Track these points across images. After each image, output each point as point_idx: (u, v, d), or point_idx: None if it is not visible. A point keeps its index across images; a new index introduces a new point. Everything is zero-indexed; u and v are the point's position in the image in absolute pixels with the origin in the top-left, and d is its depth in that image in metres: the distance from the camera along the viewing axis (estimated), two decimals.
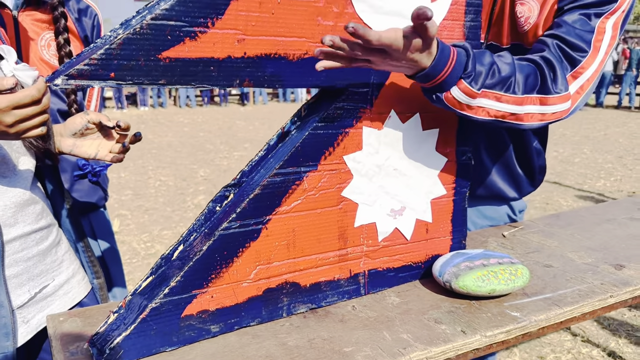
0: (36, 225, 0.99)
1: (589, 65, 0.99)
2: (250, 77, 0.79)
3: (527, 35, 1.07)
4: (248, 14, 0.76)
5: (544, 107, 0.95)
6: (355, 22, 0.71)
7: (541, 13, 1.04)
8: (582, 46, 0.98)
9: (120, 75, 0.69)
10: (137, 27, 0.68)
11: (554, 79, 0.95)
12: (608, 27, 1.00)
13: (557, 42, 0.99)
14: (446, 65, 0.82)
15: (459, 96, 0.86)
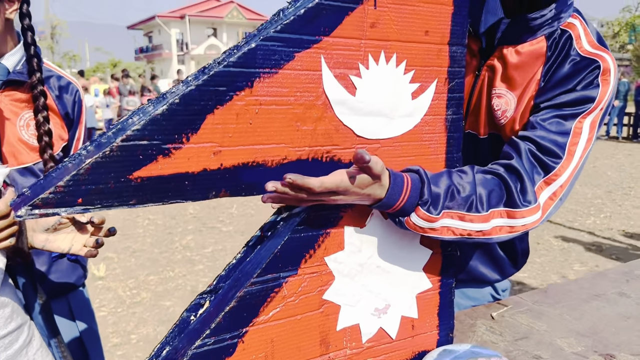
0: (5, 330, 0.95)
1: (563, 171, 0.96)
2: (226, 188, 0.77)
3: (504, 128, 1.05)
4: (225, 126, 0.75)
5: (512, 220, 0.92)
6: (292, 174, 0.73)
7: (518, 107, 1.03)
8: (557, 152, 0.95)
9: (89, 200, 0.66)
10: (107, 149, 0.66)
11: (521, 191, 0.92)
12: (585, 127, 0.97)
13: (530, 146, 0.96)
14: (401, 195, 0.83)
15: (418, 222, 0.87)
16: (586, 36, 1.02)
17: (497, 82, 1.04)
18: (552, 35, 1.02)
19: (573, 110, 0.97)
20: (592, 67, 0.98)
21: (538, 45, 1.02)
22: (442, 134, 0.96)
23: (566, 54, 1.00)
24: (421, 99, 0.92)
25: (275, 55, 0.77)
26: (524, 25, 1.01)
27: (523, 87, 1.02)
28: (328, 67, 0.82)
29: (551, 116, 0.98)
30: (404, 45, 0.88)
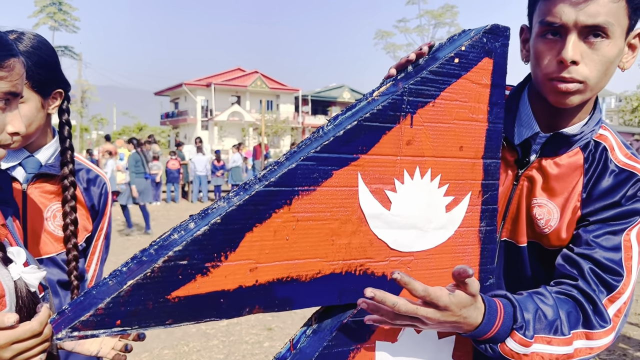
0: None
1: (625, 288, 0.97)
2: (260, 304, 0.77)
3: (549, 237, 1.05)
4: (262, 242, 0.76)
5: (591, 341, 0.93)
6: (400, 271, 0.74)
7: (562, 217, 1.03)
8: (617, 269, 0.97)
9: (127, 322, 0.66)
10: (148, 271, 0.67)
11: (595, 312, 0.94)
12: (633, 240, 0.99)
13: (591, 266, 0.97)
14: (496, 319, 0.84)
15: (514, 347, 0.86)
16: (619, 148, 1.05)
17: (538, 192, 1.05)
18: (588, 147, 1.05)
19: (622, 225, 0.99)
20: (633, 180, 1.01)
21: (575, 157, 1.04)
22: (476, 246, 0.96)
23: (604, 166, 1.03)
24: (455, 211, 0.93)
25: (314, 173, 0.79)
26: (562, 139, 1.03)
27: (565, 198, 1.03)
28: (364, 182, 0.83)
29: (602, 232, 0.99)
30: (438, 160, 0.90)
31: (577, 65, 0.93)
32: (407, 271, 0.89)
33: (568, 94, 0.95)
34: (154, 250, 0.71)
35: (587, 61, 0.94)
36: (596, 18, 0.91)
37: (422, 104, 0.86)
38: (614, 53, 0.96)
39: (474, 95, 0.90)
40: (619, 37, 0.95)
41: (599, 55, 0.94)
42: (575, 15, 0.91)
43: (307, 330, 0.88)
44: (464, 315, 0.80)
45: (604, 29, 0.92)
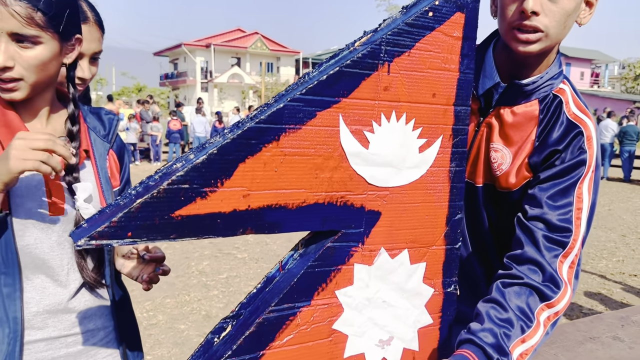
0: (68, 332, 1.13)
1: (575, 242, 1.08)
2: (252, 226, 0.88)
3: (499, 179, 1.16)
4: (254, 173, 0.87)
5: (553, 308, 1.05)
6: None
7: (513, 162, 1.14)
8: (567, 227, 1.07)
9: (137, 234, 0.78)
10: (155, 191, 0.78)
11: (550, 281, 1.04)
12: (584, 192, 1.09)
13: (543, 231, 1.07)
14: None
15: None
16: (574, 101, 1.14)
17: (495, 138, 1.16)
18: (545, 100, 1.14)
19: (571, 179, 1.08)
20: (576, 131, 1.10)
21: (531, 107, 1.14)
22: (446, 184, 1.07)
23: (557, 118, 1.12)
24: (427, 152, 1.04)
25: (299, 113, 0.89)
26: (518, 89, 1.13)
27: (519, 145, 1.14)
28: (345, 124, 0.94)
29: (555, 191, 1.09)
30: (413, 105, 1.00)
31: (538, 16, 1.03)
32: (382, 204, 1.00)
33: (529, 42, 1.05)
34: (159, 176, 0.82)
35: (547, 12, 1.04)
36: None
37: (399, 54, 0.96)
38: (572, 6, 1.05)
39: (446, 47, 1.00)
40: None
41: (558, 7, 1.04)
42: None
43: (294, 254, 1.00)
44: None
45: None
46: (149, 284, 1.18)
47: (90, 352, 1.20)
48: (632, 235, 6.58)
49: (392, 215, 1.02)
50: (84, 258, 1.15)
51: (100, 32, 1.30)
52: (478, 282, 1.34)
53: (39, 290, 1.11)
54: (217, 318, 3.62)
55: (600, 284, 4.59)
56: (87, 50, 1.27)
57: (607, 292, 4.39)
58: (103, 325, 1.23)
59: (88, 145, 1.17)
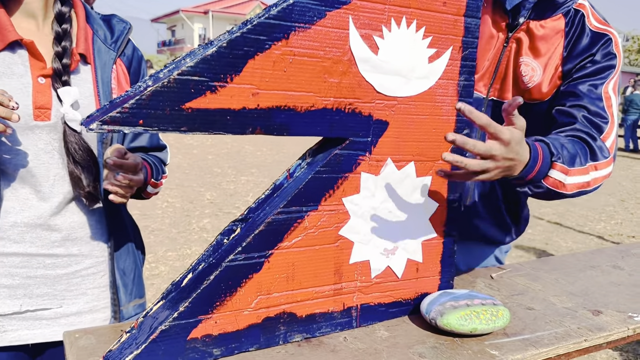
0: (47, 251, 1.08)
1: (611, 129, 1.18)
2: (261, 126, 0.88)
3: (531, 91, 1.22)
4: (263, 71, 0.86)
5: (599, 171, 1.13)
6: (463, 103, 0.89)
7: (545, 74, 1.21)
8: (603, 114, 1.17)
9: (148, 123, 0.78)
10: (165, 81, 0.78)
11: (598, 147, 1.14)
12: (610, 92, 1.18)
13: (583, 113, 1.16)
14: (539, 156, 1.01)
15: (558, 176, 1.04)
16: (594, 15, 1.22)
17: (524, 52, 1.22)
18: (569, 14, 1.21)
19: (600, 80, 1.19)
20: (605, 39, 1.20)
21: (558, 21, 1.21)
22: (454, 98, 1.07)
23: (582, 29, 1.20)
24: (437, 63, 1.03)
25: (309, 12, 0.88)
26: (548, 4, 1.19)
27: (548, 57, 1.20)
28: (355, 26, 0.93)
29: (586, 86, 1.18)
30: (424, 13, 0.99)
31: None
32: (390, 114, 1.00)
33: None
34: (168, 70, 0.82)
35: None
36: None
37: None
38: None
39: None
40: None
41: None
42: None
43: (302, 162, 1.01)
44: (519, 152, 0.93)
45: None
46: (117, 196, 1.05)
47: (71, 281, 1.12)
48: (631, 200, 6.62)
49: (399, 126, 1.02)
50: (79, 168, 1.07)
51: None
52: (498, 203, 1.36)
53: (21, 200, 1.05)
54: None
55: (597, 245, 4.64)
56: None
57: None
58: (90, 252, 1.14)
59: (87, 50, 1.09)
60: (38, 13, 1.05)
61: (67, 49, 1.04)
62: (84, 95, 1.07)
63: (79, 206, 1.12)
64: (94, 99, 1.09)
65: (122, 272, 1.19)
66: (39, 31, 1.06)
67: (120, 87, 1.17)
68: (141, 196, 1.22)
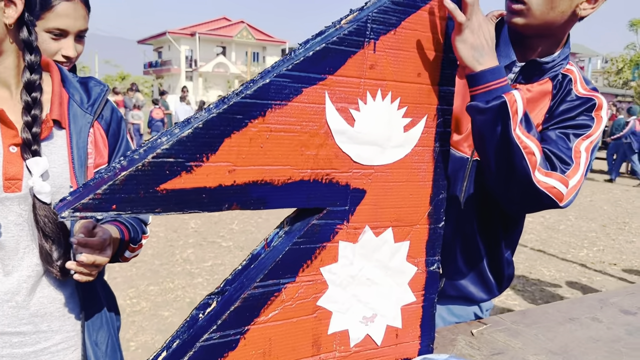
0: (14, 329, 1.04)
1: (573, 174, 1.14)
2: (237, 202, 0.88)
3: None
4: (239, 148, 0.87)
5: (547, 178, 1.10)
6: None
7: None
8: (567, 160, 1.14)
9: (121, 207, 0.78)
10: (139, 164, 0.78)
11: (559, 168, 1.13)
12: (582, 149, 1.16)
13: (547, 152, 1.14)
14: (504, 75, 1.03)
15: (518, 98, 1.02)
16: (581, 82, 1.24)
17: None
18: (556, 78, 1.23)
19: (575, 132, 1.18)
20: (589, 103, 1.19)
21: (545, 85, 1.23)
22: (430, 164, 1.08)
23: (567, 93, 1.21)
24: (412, 131, 1.04)
25: (285, 89, 0.89)
26: (535, 68, 1.20)
27: (533, 117, 1.20)
28: (331, 101, 0.94)
29: (557, 133, 1.17)
30: (399, 84, 1.01)
31: None
32: (367, 182, 1.01)
33: (515, 13, 1.10)
34: (144, 150, 0.82)
35: None
36: None
37: (385, 32, 0.96)
38: None
39: (432, 27, 1.00)
40: None
41: None
42: None
43: (279, 231, 1.01)
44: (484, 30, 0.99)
45: None
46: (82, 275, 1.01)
47: (40, 359, 1.08)
48: (612, 225, 6.70)
49: (376, 193, 1.03)
50: (49, 242, 1.03)
51: (85, 9, 1.28)
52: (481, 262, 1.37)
53: None
54: None
55: (580, 273, 4.67)
56: (72, 28, 1.25)
57: (587, 280, 4.48)
58: (61, 327, 1.10)
59: (61, 115, 1.07)
60: (11, 81, 1.04)
61: (37, 117, 1.02)
62: (57, 162, 1.05)
63: (50, 280, 1.09)
64: (68, 165, 1.07)
65: (94, 344, 1.15)
66: (12, 99, 1.04)
67: (98, 150, 1.15)
68: (118, 260, 1.20)
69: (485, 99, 1.03)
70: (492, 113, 1.03)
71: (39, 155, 1.01)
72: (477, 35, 1.00)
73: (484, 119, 1.05)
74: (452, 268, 1.36)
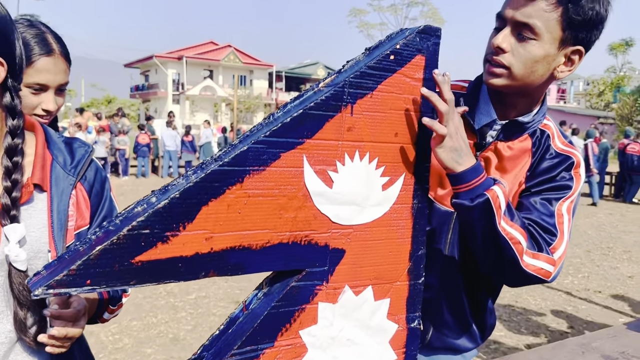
0: None
1: (559, 246, 1.17)
2: (215, 269, 0.88)
3: None
4: (217, 215, 0.86)
5: (534, 260, 1.13)
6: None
7: (510, 191, 1.23)
8: (551, 229, 1.17)
9: (96, 282, 0.77)
10: (114, 238, 0.77)
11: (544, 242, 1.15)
12: (564, 211, 1.20)
13: (532, 227, 1.16)
14: (482, 172, 1.07)
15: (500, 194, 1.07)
16: (558, 137, 1.27)
17: (492, 171, 1.25)
18: (535, 134, 1.25)
19: (557, 195, 1.20)
20: (568, 162, 1.23)
21: (525, 142, 1.24)
22: (409, 221, 1.09)
23: (546, 149, 1.24)
24: (391, 190, 1.05)
25: (263, 155, 0.89)
26: (516, 127, 1.22)
27: (514, 175, 1.23)
28: (309, 164, 0.95)
29: (540, 199, 1.20)
30: (376, 145, 1.02)
31: (505, 53, 1.12)
32: (347, 242, 1.01)
33: (494, 75, 1.12)
34: (119, 220, 0.81)
35: (514, 52, 1.13)
36: (528, 18, 1.09)
37: (361, 95, 0.97)
38: (540, 54, 1.12)
39: (408, 88, 1.02)
40: (547, 42, 1.11)
41: (525, 51, 1.11)
42: (513, 12, 1.10)
43: (258, 293, 1.00)
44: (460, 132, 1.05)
45: (532, 29, 1.09)
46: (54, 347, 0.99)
47: None
48: (596, 250, 6.76)
49: (356, 252, 1.03)
50: (24, 310, 1.01)
51: (66, 63, 1.29)
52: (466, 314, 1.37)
53: None
54: (184, 341, 3.56)
55: (566, 301, 4.69)
56: (53, 83, 1.25)
57: (572, 309, 4.49)
58: None
59: (43, 179, 1.06)
60: None
61: (17, 182, 1.00)
62: (36, 226, 1.04)
63: (23, 347, 1.06)
64: (47, 229, 1.05)
65: None
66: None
67: (80, 212, 1.14)
68: (96, 321, 1.18)
69: (470, 197, 1.07)
70: (478, 210, 1.07)
71: (17, 221, 0.99)
72: (455, 139, 1.05)
73: (470, 215, 1.09)
74: (438, 320, 1.35)
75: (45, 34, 1.21)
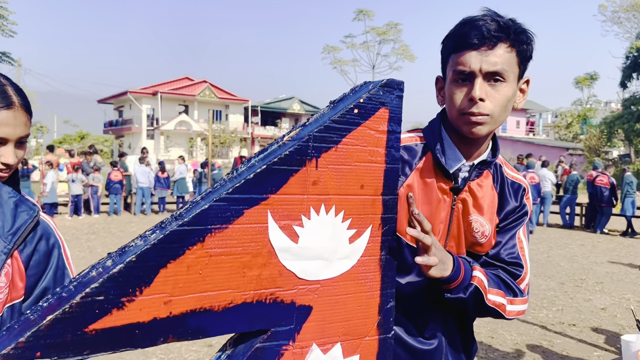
0: None
1: (525, 275, 1.34)
2: (174, 334, 0.84)
3: (483, 245, 1.32)
4: (176, 277, 0.83)
5: (514, 306, 1.29)
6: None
7: (491, 228, 1.32)
8: (519, 262, 1.34)
9: (46, 353, 0.73)
10: (67, 306, 0.74)
11: (517, 286, 1.31)
12: (521, 235, 1.36)
13: (503, 274, 1.32)
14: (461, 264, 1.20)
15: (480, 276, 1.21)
16: (507, 165, 1.40)
17: (471, 210, 1.30)
18: (492, 168, 1.35)
19: (516, 224, 1.36)
20: (521, 191, 1.37)
21: (489, 177, 1.33)
22: (377, 273, 1.07)
23: (503, 180, 1.35)
24: (358, 242, 1.04)
25: (226, 213, 0.87)
26: (482, 166, 1.30)
27: (490, 213, 1.31)
28: (274, 219, 0.93)
29: (507, 237, 1.35)
30: (342, 197, 1.01)
31: (484, 102, 1.17)
32: (314, 298, 0.99)
33: (478, 124, 1.16)
34: (73, 286, 0.78)
35: (491, 99, 1.19)
36: (495, 66, 1.17)
37: (326, 149, 0.97)
38: (510, 93, 1.21)
39: (372, 141, 1.02)
40: (512, 81, 1.21)
41: (500, 94, 1.19)
42: (480, 64, 1.16)
43: (222, 355, 0.96)
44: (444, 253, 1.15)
45: (501, 74, 1.17)
46: None
47: None
48: (570, 282, 6.81)
49: (323, 308, 1.00)
50: None
51: (26, 115, 1.25)
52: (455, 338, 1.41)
53: None
54: None
55: (541, 335, 4.68)
56: (12, 136, 1.22)
57: (548, 343, 4.48)
58: None
59: None
60: None
61: None
62: None
63: None
64: None
65: None
66: None
67: (13, 285, 1.06)
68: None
69: (462, 290, 1.21)
70: (471, 298, 1.22)
71: None
72: (439, 256, 1.14)
73: (466, 303, 1.24)
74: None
75: (4, 87, 1.18)
